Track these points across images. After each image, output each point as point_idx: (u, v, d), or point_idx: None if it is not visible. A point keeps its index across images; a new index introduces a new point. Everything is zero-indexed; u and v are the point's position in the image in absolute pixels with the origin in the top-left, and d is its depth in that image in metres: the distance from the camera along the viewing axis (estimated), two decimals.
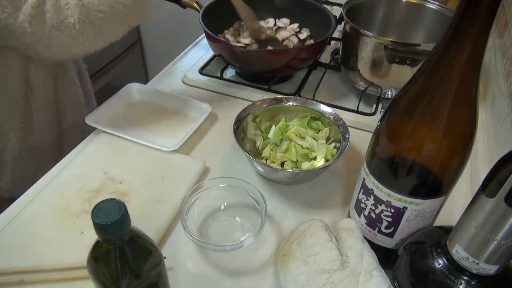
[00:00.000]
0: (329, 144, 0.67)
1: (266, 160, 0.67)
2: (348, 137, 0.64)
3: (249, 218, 0.59)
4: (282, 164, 0.66)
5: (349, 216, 0.55)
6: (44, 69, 0.75)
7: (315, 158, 0.65)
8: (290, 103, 0.71)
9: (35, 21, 0.57)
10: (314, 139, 0.67)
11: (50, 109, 0.80)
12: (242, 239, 0.54)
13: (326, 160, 0.65)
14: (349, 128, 0.66)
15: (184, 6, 0.86)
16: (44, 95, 0.78)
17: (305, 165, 0.64)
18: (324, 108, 0.69)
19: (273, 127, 0.70)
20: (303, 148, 0.66)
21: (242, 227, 0.58)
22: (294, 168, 0.65)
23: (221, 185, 0.61)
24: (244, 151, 0.61)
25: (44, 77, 0.76)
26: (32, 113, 0.77)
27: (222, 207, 0.61)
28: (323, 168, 0.61)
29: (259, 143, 0.69)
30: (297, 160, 0.65)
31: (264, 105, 0.70)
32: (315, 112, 0.70)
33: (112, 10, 0.61)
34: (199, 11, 0.85)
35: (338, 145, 0.66)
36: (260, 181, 0.67)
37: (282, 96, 0.73)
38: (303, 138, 0.67)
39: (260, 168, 0.64)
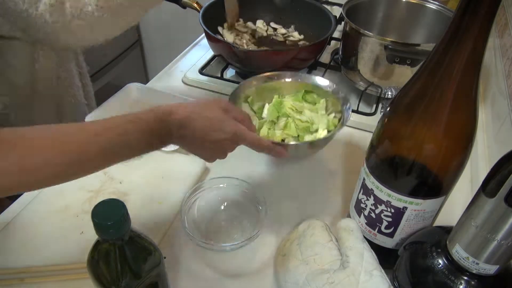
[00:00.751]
0: (329, 115, 0.66)
1: None
2: (349, 107, 0.63)
3: (249, 218, 0.59)
4: (283, 141, 0.64)
5: (349, 216, 0.55)
6: (47, 69, 0.75)
7: (316, 131, 0.63)
8: (286, 80, 0.69)
9: (55, 11, 0.58)
10: (312, 111, 0.65)
11: (52, 109, 0.80)
12: (241, 239, 0.54)
13: (329, 131, 0.63)
14: (349, 128, 0.66)
15: (184, 6, 0.86)
16: (47, 94, 0.78)
17: (308, 138, 0.62)
18: (320, 81, 0.68)
19: (266, 105, 0.68)
20: (302, 122, 0.64)
21: (242, 227, 0.58)
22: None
23: (221, 185, 0.61)
24: None
25: (47, 77, 0.76)
26: (35, 113, 0.77)
27: (222, 207, 0.61)
28: (329, 137, 0.60)
29: (255, 123, 0.66)
30: (298, 135, 0.63)
31: (255, 82, 0.68)
32: (308, 85, 0.68)
33: None
34: (199, 11, 0.85)
35: (339, 116, 0.64)
36: (260, 180, 0.67)
37: (276, 73, 0.70)
38: (300, 112, 0.65)
39: None
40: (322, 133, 0.63)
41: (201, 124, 0.49)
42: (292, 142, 0.62)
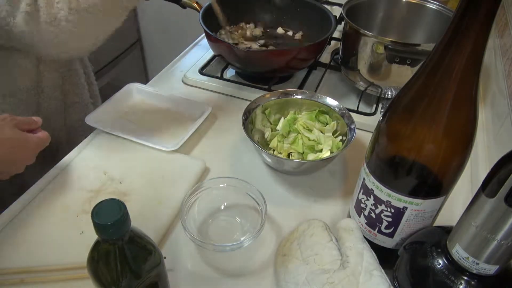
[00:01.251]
0: (335, 137, 0.68)
1: (274, 150, 0.68)
2: (354, 128, 0.66)
3: (249, 218, 0.59)
4: (289, 155, 0.67)
5: (349, 216, 0.55)
6: (53, 69, 0.75)
7: (321, 151, 0.66)
8: (298, 97, 0.72)
9: (30, 18, 0.56)
10: (322, 132, 0.68)
11: (58, 109, 0.80)
12: (241, 239, 0.54)
13: (332, 153, 0.66)
14: None
15: (184, 6, 0.86)
16: (53, 94, 0.78)
17: (311, 157, 0.65)
18: (330, 101, 0.71)
19: (282, 119, 0.71)
20: (309, 140, 0.67)
21: (242, 227, 0.58)
22: (300, 159, 0.66)
23: (221, 185, 0.61)
24: (252, 141, 0.62)
25: (53, 77, 0.76)
26: (42, 113, 0.77)
27: (222, 207, 0.61)
28: (328, 159, 0.62)
29: (267, 134, 0.70)
30: (303, 152, 0.66)
31: (273, 98, 0.71)
32: (323, 106, 0.71)
33: None
34: (199, 11, 0.85)
35: (344, 138, 0.67)
36: (260, 180, 0.67)
37: (291, 89, 0.74)
38: (310, 130, 0.68)
39: (268, 159, 0.65)
40: (325, 154, 0.66)
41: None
42: (295, 160, 0.66)
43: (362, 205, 0.50)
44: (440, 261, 0.42)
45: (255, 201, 0.58)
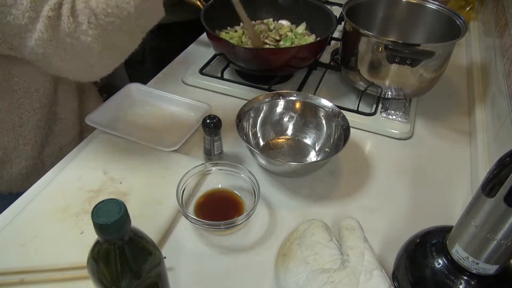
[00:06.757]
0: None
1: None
2: (349, 130, 0.65)
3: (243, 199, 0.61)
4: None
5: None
6: (69, 88, 0.77)
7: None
8: (292, 98, 0.73)
9: (50, 24, 0.54)
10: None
11: (72, 119, 0.82)
12: (235, 218, 0.55)
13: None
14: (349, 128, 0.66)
15: (187, 3, 0.86)
16: (68, 107, 0.80)
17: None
18: (324, 102, 0.71)
19: None
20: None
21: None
22: None
23: (214, 169, 0.63)
24: (246, 143, 0.63)
25: (69, 91, 0.78)
26: (54, 128, 0.79)
27: (220, 186, 0.63)
28: (325, 160, 0.63)
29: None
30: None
31: (266, 100, 0.72)
32: (314, 106, 0.72)
33: (120, 11, 0.56)
34: (201, 8, 0.85)
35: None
36: (260, 180, 0.67)
37: (283, 91, 0.74)
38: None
39: (262, 161, 0.65)
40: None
41: None
42: (291, 163, 0.66)
43: None
44: (440, 261, 0.42)
45: (248, 184, 0.60)
